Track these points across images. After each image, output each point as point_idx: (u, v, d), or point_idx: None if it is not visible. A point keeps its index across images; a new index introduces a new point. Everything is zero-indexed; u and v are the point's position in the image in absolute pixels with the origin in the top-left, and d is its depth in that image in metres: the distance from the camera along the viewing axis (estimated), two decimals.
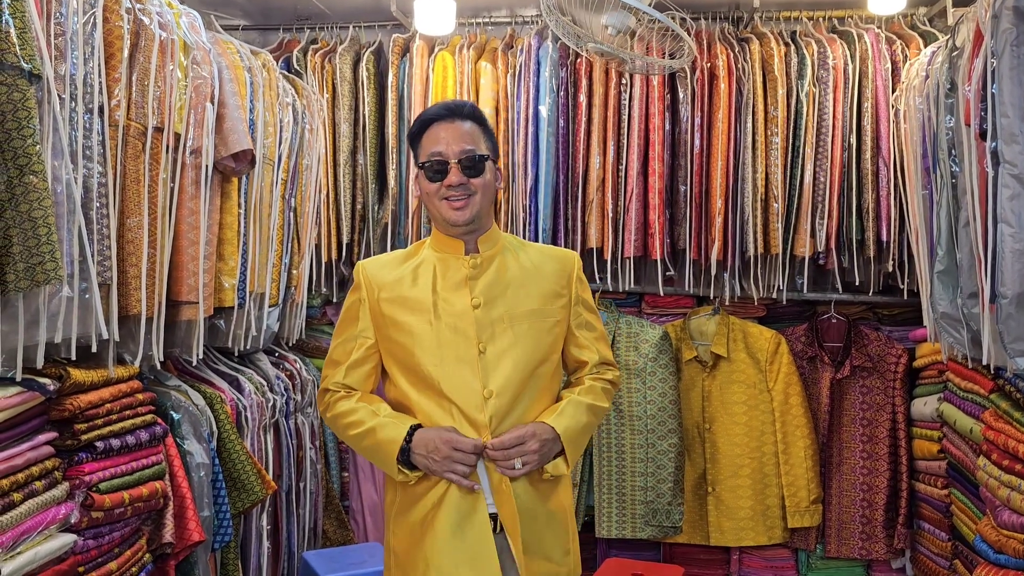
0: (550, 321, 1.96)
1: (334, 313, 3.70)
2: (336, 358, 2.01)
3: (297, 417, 3.20)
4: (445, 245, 1.98)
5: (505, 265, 1.97)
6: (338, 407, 1.97)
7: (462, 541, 1.84)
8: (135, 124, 2.08)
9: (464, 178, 1.90)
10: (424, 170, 1.93)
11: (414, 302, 1.93)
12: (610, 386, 2.05)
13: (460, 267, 1.95)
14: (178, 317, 2.41)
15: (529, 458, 1.83)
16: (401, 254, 2.06)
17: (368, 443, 1.91)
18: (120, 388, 2.11)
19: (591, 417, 1.96)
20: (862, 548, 3.36)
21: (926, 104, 2.70)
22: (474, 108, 2.00)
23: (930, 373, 3.19)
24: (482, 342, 1.89)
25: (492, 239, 2.00)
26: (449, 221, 1.92)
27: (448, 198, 1.91)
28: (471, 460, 1.81)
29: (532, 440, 1.84)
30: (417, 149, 1.98)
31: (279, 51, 3.68)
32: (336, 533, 3.48)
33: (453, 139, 1.91)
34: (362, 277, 2.01)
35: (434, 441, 1.82)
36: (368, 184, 3.51)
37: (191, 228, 2.35)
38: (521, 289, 1.96)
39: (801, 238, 3.24)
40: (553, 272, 2.01)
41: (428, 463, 1.82)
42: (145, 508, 2.15)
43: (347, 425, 1.94)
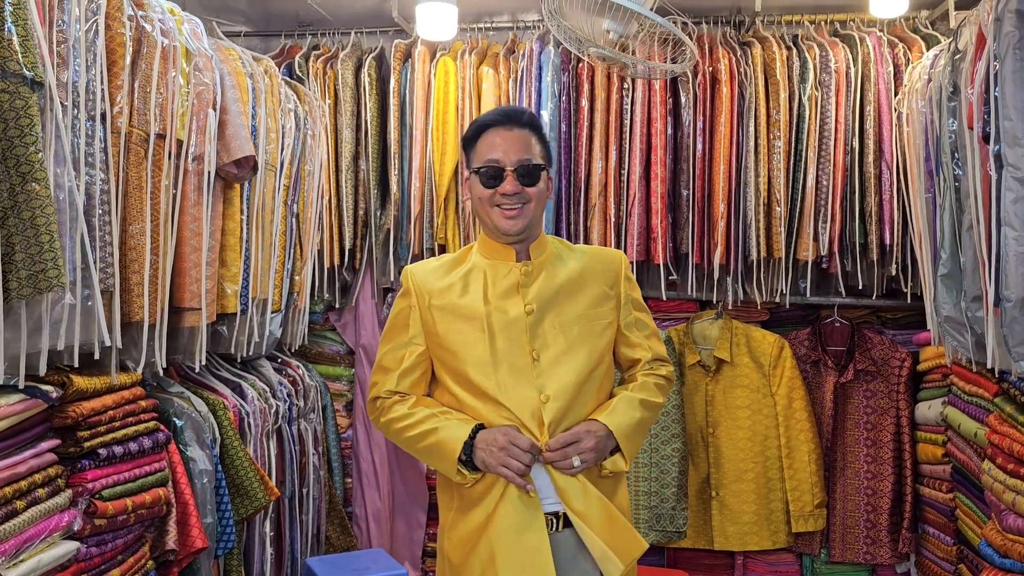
0: (601, 323, 1.97)
1: (336, 319, 3.70)
2: (386, 365, 2.00)
3: (300, 423, 3.20)
4: (495, 252, 1.98)
5: (555, 271, 1.98)
6: (393, 411, 1.96)
7: (518, 548, 1.83)
8: (137, 131, 2.08)
9: (519, 187, 1.90)
10: (479, 175, 1.92)
11: (466, 310, 1.93)
12: (664, 381, 2.04)
13: (511, 274, 1.95)
14: (181, 324, 2.40)
15: (586, 455, 1.83)
16: (449, 259, 2.05)
17: (428, 443, 1.90)
18: (123, 395, 2.11)
19: (645, 412, 1.95)
20: (867, 552, 3.35)
21: (928, 107, 2.70)
22: (532, 116, 1.99)
23: (934, 377, 3.18)
24: (535, 349, 1.90)
25: (542, 245, 2.00)
26: (501, 229, 1.92)
27: (501, 205, 1.90)
28: (526, 459, 1.81)
29: (587, 437, 1.84)
30: (471, 153, 1.97)
31: (281, 57, 3.69)
32: (339, 539, 3.47)
33: (510, 147, 1.90)
34: (411, 283, 2.01)
35: (495, 436, 1.83)
36: (370, 190, 3.51)
37: (193, 235, 2.35)
38: (571, 294, 1.96)
39: (804, 242, 3.23)
40: (601, 274, 2.01)
41: (485, 457, 1.82)
42: (148, 515, 2.15)
43: (404, 428, 1.93)
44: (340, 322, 3.69)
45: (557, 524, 1.87)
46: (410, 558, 3.60)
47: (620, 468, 1.90)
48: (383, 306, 3.65)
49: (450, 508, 1.98)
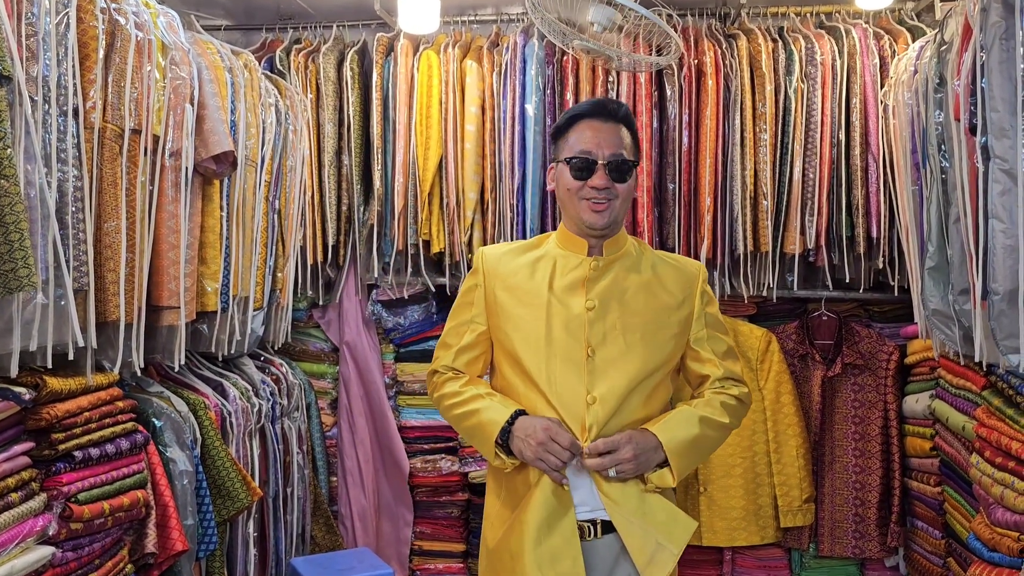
0: (665, 334, 1.93)
1: (320, 316, 3.66)
2: (448, 341, 2.03)
3: (284, 422, 3.16)
4: (570, 243, 1.96)
5: (626, 271, 1.95)
6: (445, 387, 1.98)
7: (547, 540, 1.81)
8: (111, 126, 2.04)
9: (609, 182, 1.87)
10: (570, 166, 1.89)
11: (529, 296, 1.92)
12: (735, 402, 1.97)
13: (581, 267, 1.93)
14: (159, 322, 2.36)
15: (623, 467, 1.79)
16: (523, 244, 2.05)
17: (471, 423, 1.91)
18: (99, 396, 2.07)
19: (706, 430, 1.89)
20: (855, 547, 3.34)
21: (915, 99, 2.68)
22: (628, 112, 1.97)
23: (921, 370, 3.17)
24: (591, 346, 1.87)
25: (618, 243, 1.97)
26: (586, 223, 1.90)
27: (589, 199, 1.88)
28: (564, 455, 1.79)
29: (626, 447, 1.80)
30: (561, 143, 1.95)
31: (262, 51, 3.64)
32: (325, 538, 3.44)
33: (604, 140, 1.88)
34: (481, 262, 2.01)
35: (535, 426, 1.81)
36: (353, 185, 3.47)
37: (171, 232, 2.31)
38: (638, 297, 1.93)
39: (791, 235, 3.21)
40: (674, 283, 1.98)
41: (523, 447, 1.81)
42: (126, 518, 2.11)
43: (452, 405, 1.95)
44: (324, 319, 3.65)
45: (595, 531, 1.85)
46: (397, 557, 3.57)
47: (667, 483, 1.85)
48: (367, 303, 3.61)
49: (495, 494, 1.98)
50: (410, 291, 3.57)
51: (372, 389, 3.57)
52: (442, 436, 3.57)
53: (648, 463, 1.82)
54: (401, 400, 3.64)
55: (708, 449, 1.94)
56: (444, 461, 3.57)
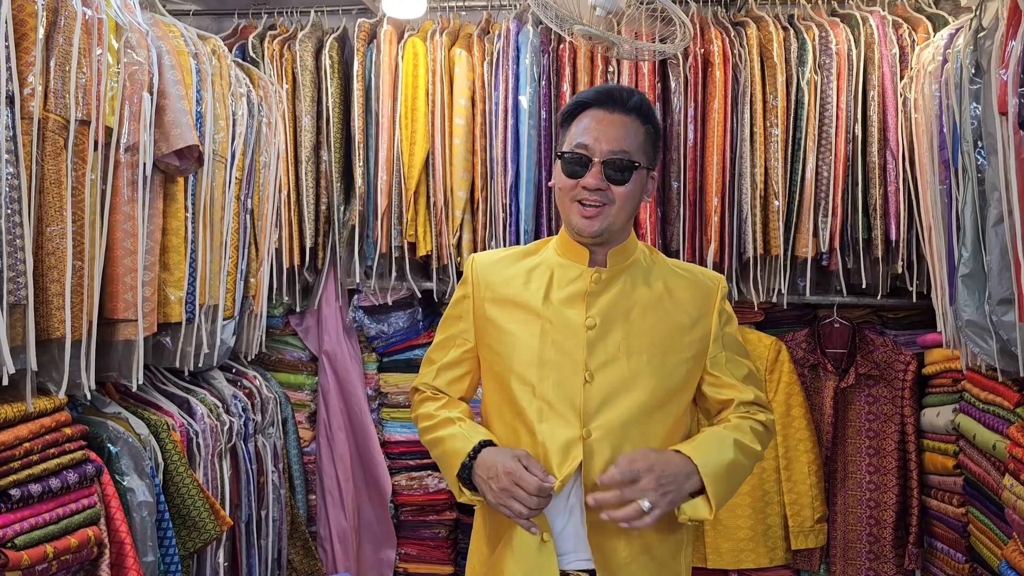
0: (677, 357, 1.68)
1: (298, 323, 3.41)
2: (432, 356, 1.84)
3: (257, 439, 2.92)
4: (569, 251, 1.73)
5: (633, 285, 1.70)
6: (421, 408, 1.80)
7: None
8: (54, 117, 1.78)
9: (604, 183, 1.63)
10: (563, 161, 1.66)
11: (521, 311, 1.69)
12: (762, 428, 1.72)
13: (581, 279, 1.69)
14: (115, 337, 2.11)
15: (653, 497, 1.49)
16: (519, 251, 1.82)
17: (438, 451, 1.73)
18: (42, 423, 1.82)
19: (739, 456, 1.63)
20: (869, 569, 3.15)
21: (943, 91, 2.47)
22: (642, 101, 1.69)
23: (942, 381, 2.97)
24: (590, 370, 1.62)
25: (625, 252, 1.73)
26: (575, 228, 1.67)
27: (581, 201, 1.64)
28: (531, 502, 1.52)
29: (648, 476, 1.50)
30: (564, 133, 1.72)
31: (234, 38, 3.38)
32: (303, 563, 3.20)
33: (604, 134, 1.64)
34: (471, 271, 1.80)
35: (496, 468, 1.56)
36: (333, 183, 3.22)
37: (127, 236, 2.06)
38: (646, 315, 1.68)
39: (803, 238, 3.00)
40: (689, 299, 1.73)
41: (485, 489, 1.58)
42: (75, 560, 1.86)
43: (424, 429, 1.78)
44: (301, 326, 3.40)
45: None
46: None
47: (703, 516, 1.56)
48: (348, 309, 3.36)
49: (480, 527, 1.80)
50: (394, 296, 3.32)
51: (353, 401, 3.33)
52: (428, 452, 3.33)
53: (680, 492, 1.53)
54: (384, 413, 3.41)
55: (741, 479, 1.68)
56: (431, 478, 3.34)
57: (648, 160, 1.71)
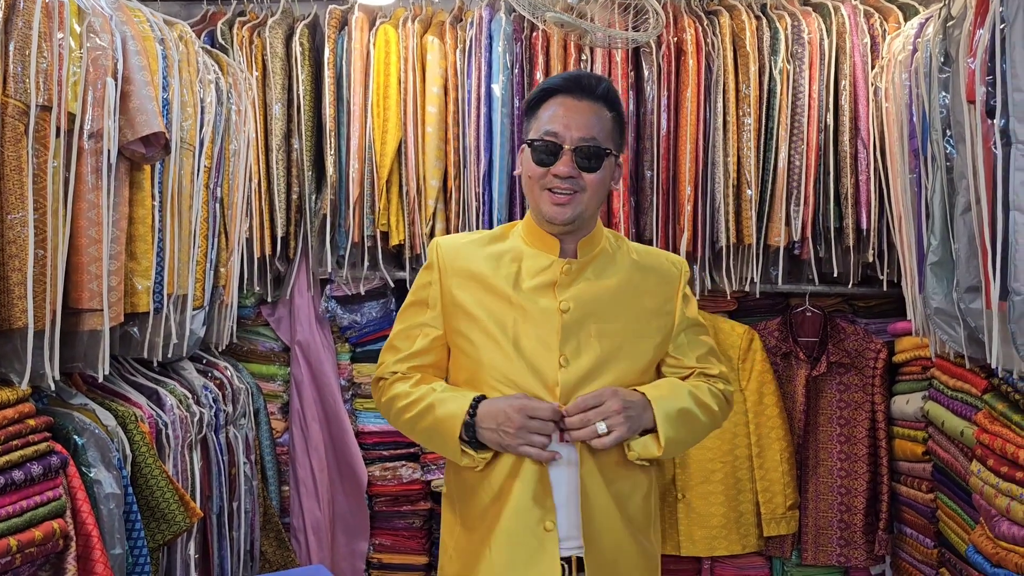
0: (646, 343, 1.72)
1: (269, 313, 3.38)
2: (397, 344, 1.78)
3: (229, 430, 2.89)
4: (538, 241, 1.71)
5: (603, 273, 1.71)
6: (392, 390, 1.74)
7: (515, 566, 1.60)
8: (14, 102, 1.75)
9: (576, 170, 1.63)
10: (533, 149, 1.65)
11: (493, 297, 1.68)
12: (721, 396, 1.76)
13: (551, 270, 1.69)
14: (80, 327, 2.08)
15: (614, 420, 1.56)
16: (485, 236, 1.79)
17: (426, 424, 1.67)
18: (4, 415, 1.79)
19: (694, 407, 1.68)
20: (840, 555, 3.18)
21: (913, 80, 2.49)
22: (610, 88, 1.70)
23: (912, 369, 3.00)
24: (565, 355, 1.63)
25: (593, 242, 1.73)
26: (546, 216, 1.66)
27: (552, 189, 1.63)
28: (549, 428, 1.58)
29: (613, 399, 1.57)
30: (531, 121, 1.70)
31: (203, 24, 3.33)
32: (276, 554, 3.18)
33: (575, 121, 1.63)
34: (436, 256, 1.76)
35: (505, 411, 1.57)
36: (304, 171, 3.18)
37: (92, 224, 2.02)
38: (616, 302, 1.70)
39: (775, 226, 3.01)
40: (655, 284, 1.76)
41: (499, 437, 1.58)
42: (40, 553, 1.83)
43: (403, 409, 1.71)
44: (273, 317, 3.37)
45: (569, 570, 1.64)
46: (352, 572, 3.32)
47: (652, 453, 1.62)
48: (320, 299, 3.34)
49: (454, 517, 1.75)
50: (367, 286, 3.30)
51: (326, 392, 3.31)
52: (402, 442, 3.31)
53: (637, 425, 1.61)
54: (358, 403, 3.39)
55: (695, 432, 1.72)
56: (405, 468, 3.33)
57: (616, 146, 1.71)
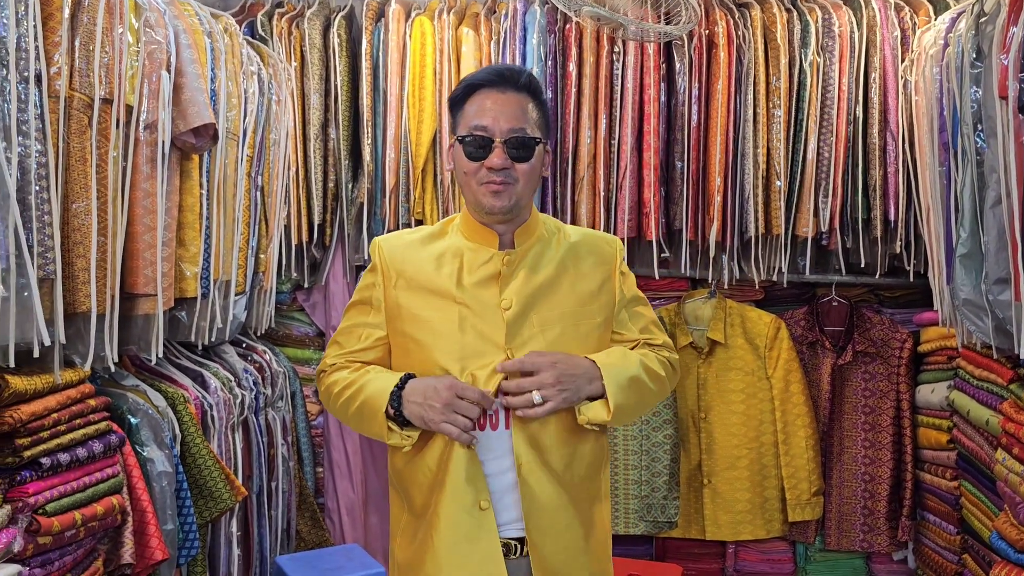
0: (589, 323, 1.74)
1: (305, 299, 3.46)
2: (340, 340, 1.81)
3: (268, 412, 2.97)
4: (477, 234, 1.74)
5: (541, 261, 1.74)
6: (331, 378, 1.76)
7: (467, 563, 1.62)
8: (79, 95, 1.82)
9: (508, 161, 1.65)
10: (463, 144, 1.67)
11: (437, 296, 1.70)
12: (667, 363, 1.79)
13: (492, 263, 1.71)
14: (134, 311, 2.16)
15: (549, 391, 1.58)
16: (425, 233, 1.81)
17: (357, 403, 1.68)
18: (68, 395, 1.87)
19: (643, 374, 1.70)
20: (863, 540, 3.23)
21: (944, 74, 2.52)
22: (532, 79, 1.72)
23: (937, 359, 3.05)
24: (511, 348, 1.66)
25: (529, 230, 1.76)
26: (483, 207, 1.69)
27: (488, 182, 1.66)
28: (474, 412, 1.59)
29: (550, 371, 1.59)
30: (457, 117, 1.72)
31: (242, 15, 3.39)
32: (311, 533, 3.27)
33: (503, 113, 1.65)
34: (379, 258, 1.78)
35: (434, 386, 1.59)
36: (341, 161, 3.26)
37: (147, 212, 2.09)
38: (557, 288, 1.72)
39: (803, 217, 3.06)
40: (592, 266, 1.78)
41: (424, 411, 1.59)
42: (100, 527, 1.92)
43: (337, 394, 1.72)
44: (309, 302, 3.45)
45: (520, 549, 1.66)
46: (384, 552, 3.41)
47: (601, 417, 1.64)
48: (355, 285, 3.41)
49: (400, 503, 1.78)
50: None
51: None
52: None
53: (578, 391, 1.62)
54: None
55: (644, 399, 1.73)
56: None
57: (544, 134, 1.73)
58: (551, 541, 1.65)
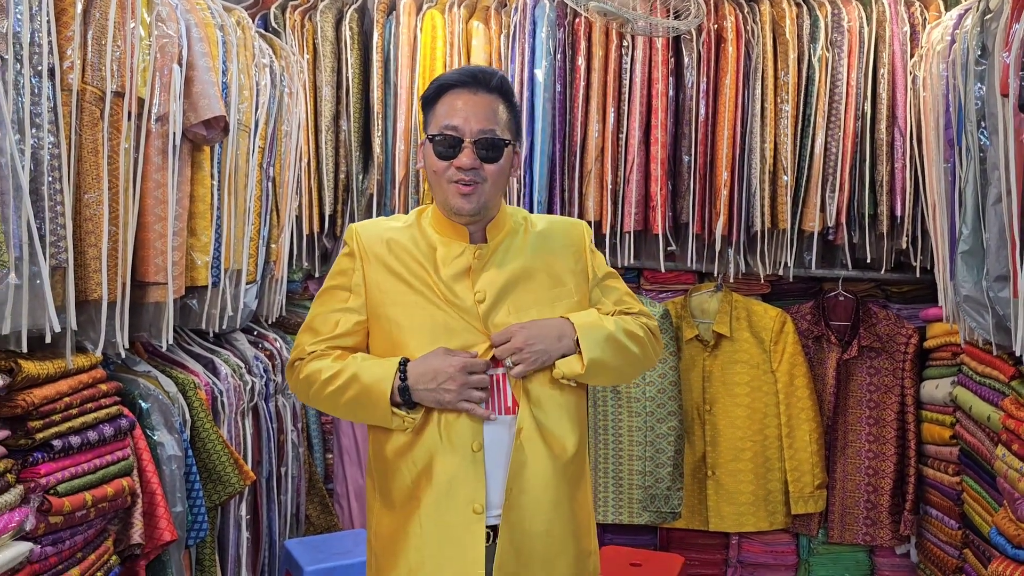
0: (563, 305, 1.76)
1: (316, 287, 3.51)
2: (315, 327, 1.79)
3: (278, 399, 3.03)
4: (447, 229, 1.77)
5: (510, 252, 1.77)
6: (309, 367, 1.75)
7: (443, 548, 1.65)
8: (91, 88, 1.87)
9: (477, 162, 1.68)
10: (434, 144, 1.70)
11: (417, 281, 1.73)
12: (644, 327, 1.80)
13: (464, 256, 1.74)
14: (145, 299, 2.21)
15: (519, 356, 1.64)
16: (400, 222, 1.83)
17: (352, 394, 1.69)
18: (80, 379, 1.92)
19: (620, 333, 1.73)
20: (866, 534, 3.25)
21: (951, 71, 2.52)
22: (503, 81, 1.74)
23: (942, 355, 3.05)
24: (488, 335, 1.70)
25: (499, 225, 1.79)
26: (453, 208, 1.71)
27: (457, 181, 1.69)
28: (486, 381, 1.65)
29: (518, 335, 1.65)
30: (429, 116, 1.74)
31: (255, 8, 3.44)
32: (320, 518, 3.33)
33: (473, 114, 1.68)
34: (356, 244, 1.79)
35: (444, 370, 1.63)
36: (352, 152, 3.30)
37: (158, 202, 2.15)
38: (530, 276, 1.76)
39: (810, 212, 3.07)
40: (562, 249, 1.81)
41: (439, 396, 1.63)
42: (111, 508, 1.98)
43: (323, 384, 1.72)
44: None
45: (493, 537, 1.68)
46: None
47: (575, 371, 1.68)
48: None
49: (375, 499, 1.79)
50: None
51: None
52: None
53: (550, 351, 1.67)
54: None
55: (623, 356, 1.75)
56: None
57: (514, 135, 1.76)
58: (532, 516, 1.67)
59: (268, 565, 2.93)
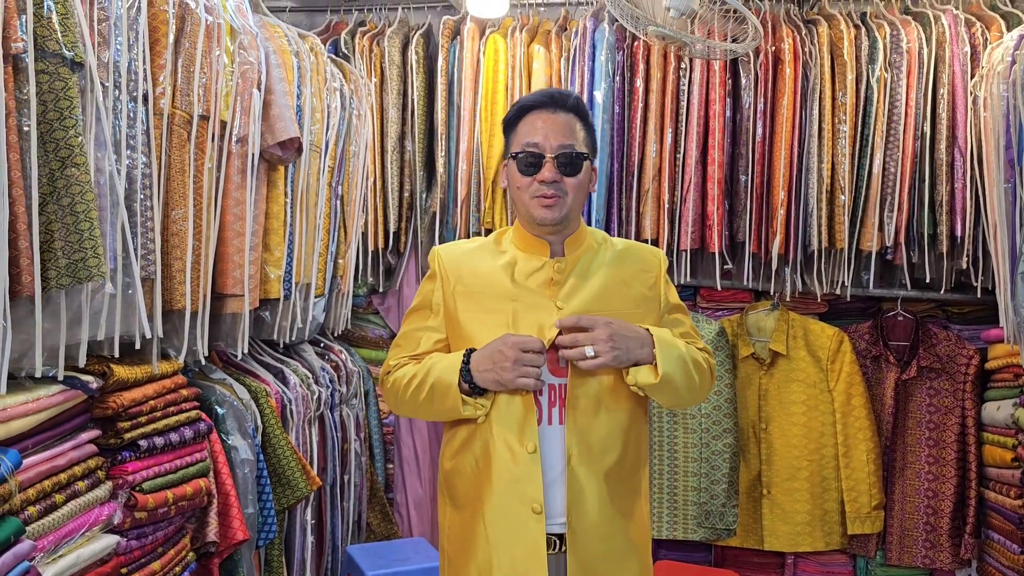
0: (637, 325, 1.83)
1: (380, 302, 3.63)
2: (401, 344, 1.92)
3: (342, 409, 3.15)
4: (530, 244, 1.86)
5: (590, 268, 1.85)
6: (397, 373, 1.87)
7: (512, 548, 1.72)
8: (180, 112, 2.01)
9: (558, 175, 1.77)
10: (516, 161, 1.80)
11: (493, 301, 1.82)
12: (706, 362, 1.86)
13: (544, 270, 1.83)
14: (223, 310, 2.34)
15: (601, 347, 1.68)
16: (481, 244, 1.94)
17: (427, 387, 1.78)
18: (164, 384, 2.05)
19: (688, 355, 1.78)
20: (925, 556, 3.22)
21: (1011, 91, 2.52)
22: (578, 101, 1.85)
23: (1004, 376, 3.02)
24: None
25: (578, 240, 1.87)
26: (536, 220, 1.80)
27: (540, 196, 1.78)
28: (540, 360, 1.70)
29: (603, 328, 1.70)
30: (511, 137, 1.85)
31: (326, 34, 3.60)
32: (380, 526, 3.43)
33: (552, 131, 1.78)
34: (438, 265, 1.90)
35: (499, 349, 1.70)
36: (416, 171, 3.42)
37: (236, 219, 2.28)
38: (605, 294, 1.83)
39: (868, 231, 3.08)
40: (640, 274, 1.89)
41: (497, 375, 1.70)
42: (189, 507, 2.10)
43: (405, 386, 1.82)
44: (383, 306, 3.62)
45: (560, 545, 1.74)
46: None
47: (648, 380, 1.72)
48: None
49: (445, 503, 1.88)
50: None
51: None
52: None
53: (628, 352, 1.71)
54: None
55: (687, 375, 1.78)
56: None
57: (591, 150, 1.85)
58: (593, 536, 1.73)
59: (331, 569, 3.03)
